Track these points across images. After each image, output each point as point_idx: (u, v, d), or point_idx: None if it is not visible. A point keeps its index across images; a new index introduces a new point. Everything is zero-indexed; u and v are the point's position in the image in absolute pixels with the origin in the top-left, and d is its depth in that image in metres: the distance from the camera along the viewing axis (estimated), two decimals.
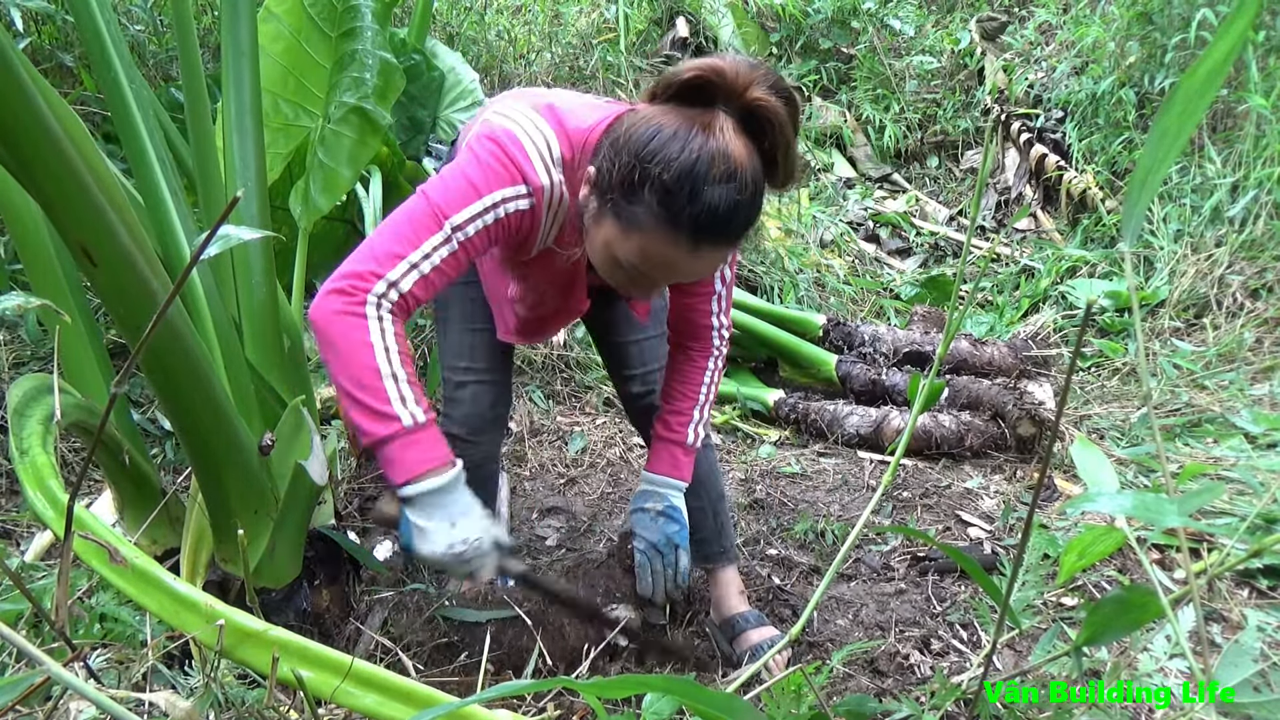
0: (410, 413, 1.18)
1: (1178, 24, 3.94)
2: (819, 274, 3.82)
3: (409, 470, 1.18)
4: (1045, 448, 2.53)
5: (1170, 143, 0.66)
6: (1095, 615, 0.89)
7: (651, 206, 1.13)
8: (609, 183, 1.17)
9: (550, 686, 0.75)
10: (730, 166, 1.11)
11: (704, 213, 1.11)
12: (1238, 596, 1.82)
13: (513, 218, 1.26)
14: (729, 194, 1.11)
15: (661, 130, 1.13)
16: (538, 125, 1.28)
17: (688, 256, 1.17)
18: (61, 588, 0.90)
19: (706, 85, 1.13)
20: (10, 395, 1.36)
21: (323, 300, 1.19)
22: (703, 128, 1.12)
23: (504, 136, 1.26)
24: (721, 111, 1.14)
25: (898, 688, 1.56)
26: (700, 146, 1.10)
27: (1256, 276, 3.31)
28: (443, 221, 1.21)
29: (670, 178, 1.10)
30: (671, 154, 1.11)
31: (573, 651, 1.57)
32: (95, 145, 1.36)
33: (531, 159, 1.25)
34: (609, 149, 1.19)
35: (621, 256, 1.20)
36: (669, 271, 1.22)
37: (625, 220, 1.17)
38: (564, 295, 1.48)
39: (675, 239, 1.15)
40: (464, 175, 1.24)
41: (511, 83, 4.56)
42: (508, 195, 1.24)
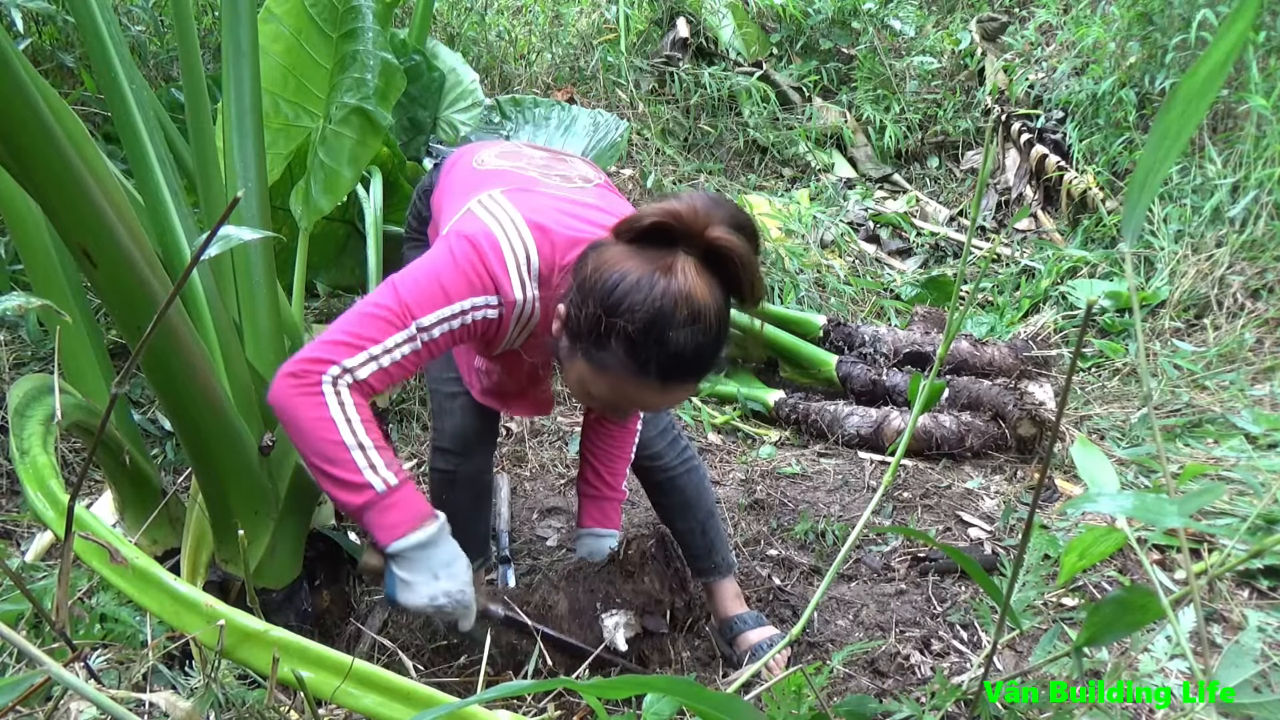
0: (382, 478, 1.21)
1: (1178, 24, 3.94)
2: (819, 274, 3.82)
3: (391, 532, 1.23)
4: (1046, 448, 2.53)
5: (1171, 143, 0.66)
6: (1096, 616, 0.89)
7: (619, 355, 1.16)
8: (578, 329, 1.19)
9: (551, 687, 0.75)
10: (694, 309, 1.13)
11: (671, 357, 1.14)
12: (1238, 597, 1.81)
13: (479, 323, 1.29)
14: (694, 336, 1.14)
15: (626, 277, 1.14)
16: (520, 235, 1.29)
17: (657, 394, 1.21)
18: (62, 588, 0.90)
19: (667, 230, 1.15)
20: (11, 395, 1.36)
21: (278, 382, 1.21)
22: (664, 271, 1.13)
23: (485, 243, 1.27)
24: (682, 252, 1.15)
25: (898, 688, 1.56)
26: (663, 293, 1.12)
27: (1257, 277, 3.30)
28: (409, 321, 1.23)
29: (635, 328, 1.13)
30: (636, 303, 1.12)
31: (572, 655, 1.57)
32: (95, 146, 1.36)
33: (509, 271, 1.27)
34: (576, 293, 1.20)
35: (594, 393, 1.24)
36: (642, 405, 1.31)
37: (596, 364, 1.19)
38: (528, 386, 1.55)
39: (644, 381, 1.18)
40: (437, 277, 1.25)
41: (512, 83, 4.57)
42: (477, 304, 1.27)
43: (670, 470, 1.74)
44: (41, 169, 0.97)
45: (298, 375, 1.20)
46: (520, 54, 4.79)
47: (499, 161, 1.51)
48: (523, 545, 2.14)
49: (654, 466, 1.74)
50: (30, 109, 0.92)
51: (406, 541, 1.23)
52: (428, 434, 2.68)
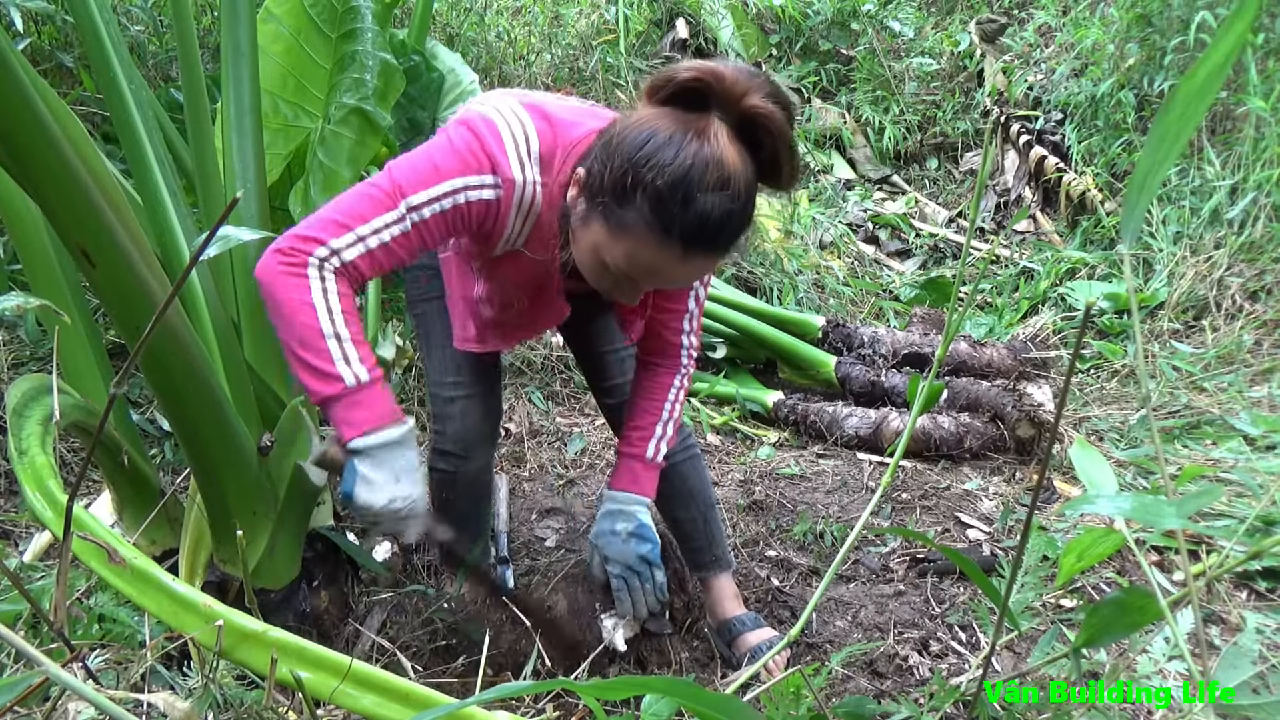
0: (354, 372, 1.18)
1: (1177, 26, 3.95)
2: (818, 275, 3.82)
3: (357, 426, 1.19)
4: (1044, 449, 2.53)
5: (1170, 145, 0.66)
6: (1094, 617, 0.89)
7: (643, 211, 1.12)
8: (600, 185, 1.15)
9: (550, 688, 0.75)
10: (724, 174, 1.10)
11: (696, 220, 1.11)
12: (1236, 598, 1.82)
13: (474, 206, 1.24)
14: (722, 202, 1.11)
15: (656, 134, 1.11)
16: (520, 117, 1.26)
17: (677, 263, 1.16)
18: (60, 588, 0.90)
19: (704, 89, 1.12)
20: (9, 395, 1.36)
21: (266, 259, 1.19)
22: (698, 134, 1.11)
23: (480, 124, 1.24)
24: (716, 118, 1.12)
25: (897, 689, 1.56)
26: (695, 153, 1.09)
27: (1255, 279, 3.31)
28: (399, 200, 1.21)
29: (664, 183, 1.09)
30: (665, 159, 1.09)
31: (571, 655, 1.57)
32: (94, 146, 1.36)
33: (506, 149, 1.23)
34: (600, 150, 1.17)
35: (609, 260, 1.19)
36: (656, 277, 1.21)
37: (615, 223, 1.15)
38: (536, 298, 1.45)
39: (666, 245, 1.13)
40: (429, 156, 1.23)
41: (511, 84, 4.57)
42: (471, 183, 1.23)
43: (672, 457, 1.69)
44: (40, 169, 0.97)
45: (285, 253, 1.17)
46: (519, 55, 4.79)
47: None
48: (521, 546, 2.14)
49: None
50: (29, 109, 0.92)
51: (375, 438, 1.19)
52: (426, 435, 2.68)
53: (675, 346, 1.57)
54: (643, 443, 1.57)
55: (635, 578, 1.52)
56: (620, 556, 1.51)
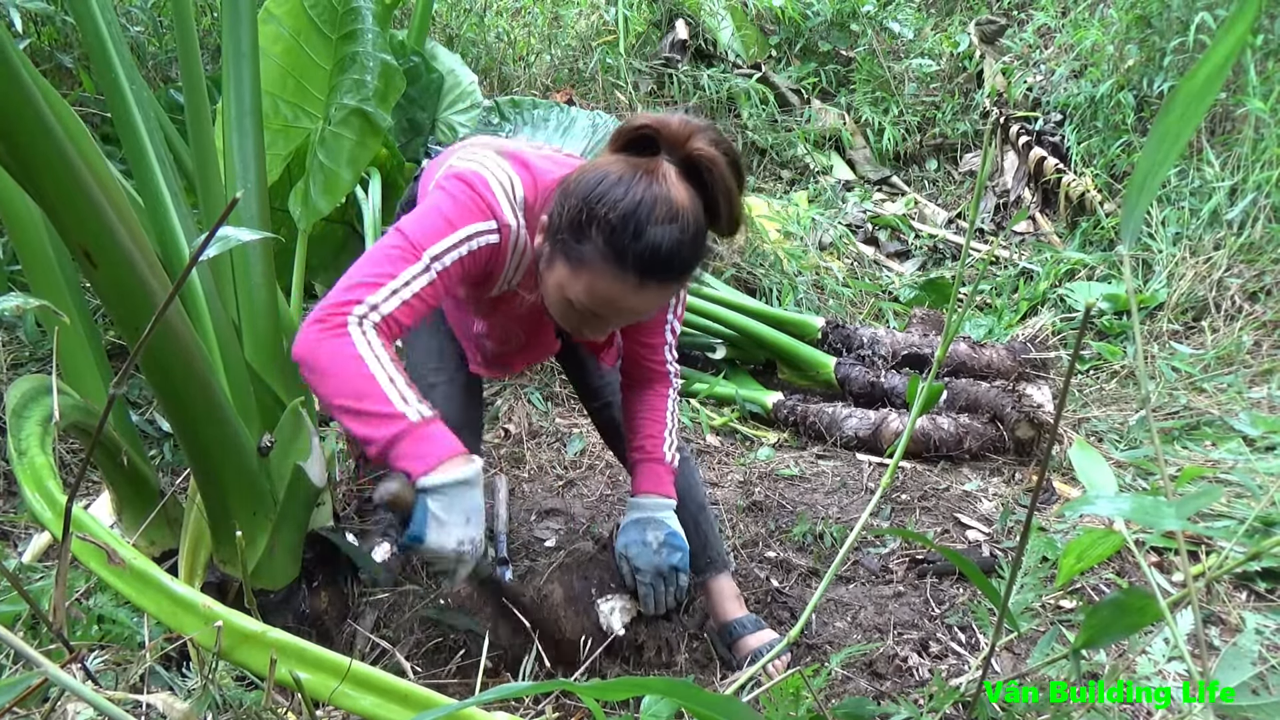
0: (416, 409, 1.17)
1: (1176, 27, 3.95)
2: (818, 276, 3.82)
3: (430, 460, 1.16)
4: (1044, 450, 2.53)
5: (1169, 146, 0.66)
6: (1094, 618, 0.89)
7: (598, 245, 1.19)
8: (559, 224, 1.24)
9: (549, 689, 0.75)
10: (672, 209, 1.18)
11: (648, 250, 1.17)
12: (1236, 599, 1.82)
13: (484, 250, 1.31)
14: (671, 233, 1.18)
15: (608, 175, 1.20)
16: (503, 168, 1.35)
17: (634, 293, 1.22)
18: (59, 589, 0.90)
19: (652, 135, 1.22)
20: (9, 396, 1.36)
21: (304, 332, 1.19)
22: (647, 173, 1.19)
23: (472, 177, 1.32)
24: (665, 160, 1.21)
25: (896, 690, 1.56)
26: (645, 190, 1.18)
27: (1255, 279, 3.31)
28: (421, 252, 1.25)
29: (615, 216, 1.17)
30: (617, 196, 1.18)
31: (569, 644, 1.56)
32: (95, 146, 1.36)
33: (498, 198, 1.31)
34: (559, 195, 1.26)
35: (572, 296, 1.26)
36: (616, 308, 1.26)
37: (574, 260, 1.23)
38: (531, 333, 1.56)
39: (621, 276, 1.20)
40: (438, 210, 1.29)
41: (511, 85, 4.57)
42: (480, 229, 1.30)
43: None
44: (41, 169, 0.97)
45: (323, 321, 1.18)
46: (519, 55, 4.80)
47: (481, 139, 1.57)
48: (520, 547, 2.14)
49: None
50: (31, 108, 0.92)
51: (449, 475, 1.15)
52: None
53: (663, 375, 1.66)
54: (657, 448, 1.62)
55: (662, 583, 1.55)
56: (652, 567, 1.53)
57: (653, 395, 1.66)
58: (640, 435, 1.64)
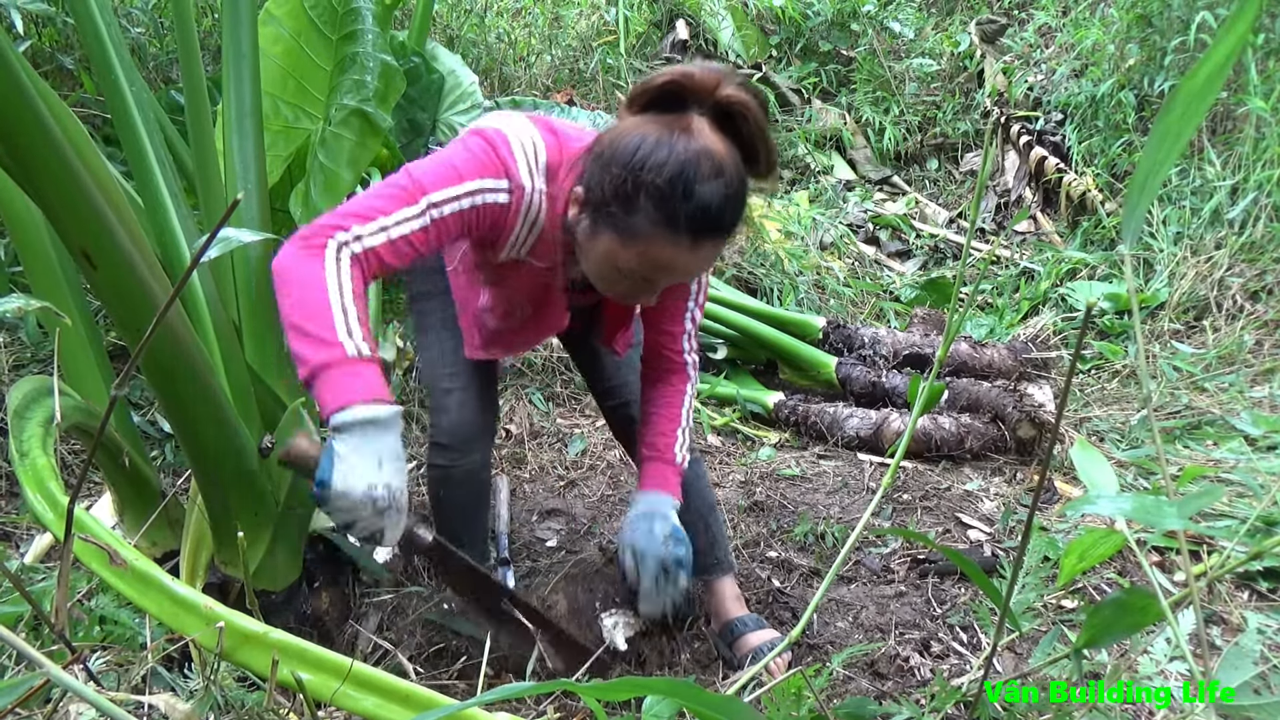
0: (355, 344, 1.14)
1: (1177, 27, 3.95)
2: (819, 276, 3.82)
3: (345, 397, 1.11)
4: (1045, 450, 2.53)
5: (1170, 145, 0.66)
6: (1095, 618, 0.89)
7: (649, 213, 1.18)
8: (603, 196, 1.21)
9: (551, 689, 0.75)
10: (716, 163, 1.16)
11: (699, 210, 1.17)
12: (1238, 599, 1.81)
13: (489, 208, 1.29)
14: (719, 189, 1.17)
15: (645, 139, 1.17)
16: (528, 130, 1.33)
17: (688, 254, 1.22)
18: (61, 590, 0.90)
19: (678, 89, 1.19)
20: (10, 397, 1.36)
21: (285, 248, 1.20)
22: (683, 130, 1.17)
23: (493, 134, 1.31)
24: (695, 113, 1.19)
25: (898, 690, 1.56)
26: (685, 148, 1.16)
27: (1256, 279, 3.31)
28: (420, 196, 1.24)
29: (663, 181, 1.15)
30: (660, 159, 1.15)
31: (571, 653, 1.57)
32: (95, 148, 1.36)
33: (517, 158, 1.30)
34: (595, 165, 1.23)
35: (623, 265, 1.24)
36: (671, 272, 1.26)
37: (624, 230, 1.21)
38: (539, 307, 1.50)
39: (675, 239, 1.19)
40: (449, 159, 1.28)
41: (511, 85, 4.57)
42: (487, 185, 1.28)
43: None
44: (42, 170, 0.97)
45: (304, 238, 1.19)
46: (520, 56, 4.80)
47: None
48: (522, 547, 2.14)
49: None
50: (30, 110, 0.92)
51: (360, 413, 1.10)
52: (426, 435, 2.68)
53: (681, 365, 1.64)
54: (668, 448, 1.61)
55: (664, 576, 1.52)
56: (657, 557, 1.50)
57: (670, 390, 1.63)
58: (653, 432, 1.62)
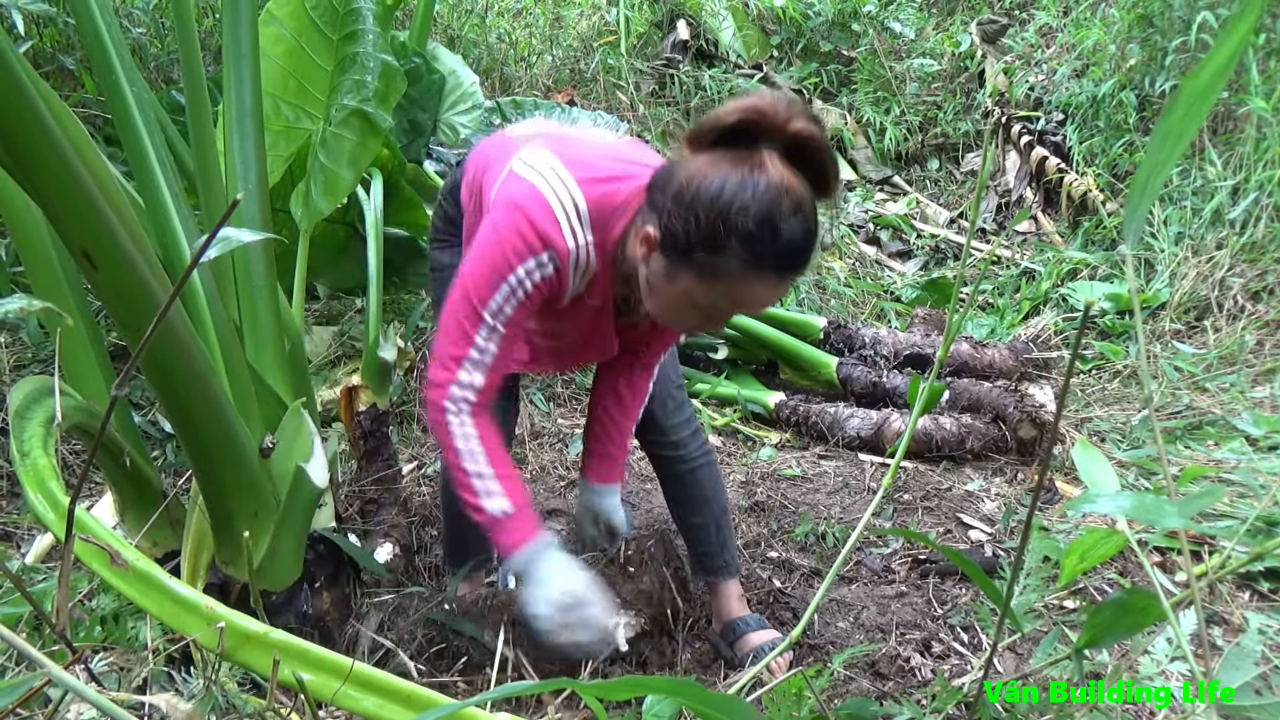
0: (499, 505, 1.36)
1: (1178, 27, 3.95)
2: (819, 276, 3.82)
3: (508, 549, 1.38)
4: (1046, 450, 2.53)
5: (1172, 145, 0.66)
6: (1096, 618, 0.89)
7: (739, 254, 1.18)
8: (689, 240, 1.20)
9: (552, 688, 0.75)
10: (795, 199, 1.17)
11: (786, 248, 1.18)
12: (1239, 599, 1.81)
13: (543, 283, 1.33)
14: (801, 224, 1.18)
15: (726, 181, 1.17)
16: (564, 181, 1.32)
17: (773, 289, 1.24)
18: (62, 590, 0.90)
19: (751, 127, 1.19)
20: (11, 397, 1.36)
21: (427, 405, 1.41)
22: (758, 168, 1.17)
23: (529, 202, 1.31)
24: (766, 149, 1.18)
25: (899, 690, 1.56)
26: (766, 188, 1.16)
27: (1257, 279, 3.30)
28: (481, 312, 1.32)
29: (752, 225, 1.16)
30: (745, 202, 1.16)
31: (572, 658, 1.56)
32: (96, 148, 1.36)
33: (558, 220, 1.30)
34: (675, 207, 1.21)
35: (703, 303, 1.26)
36: (754, 306, 1.30)
37: (709, 271, 1.21)
38: (589, 332, 1.52)
39: (763, 278, 1.21)
40: (489, 260, 1.32)
41: (512, 86, 4.57)
42: (530, 268, 1.31)
43: (692, 461, 1.73)
44: (42, 171, 0.97)
45: (432, 404, 1.38)
46: (520, 56, 4.80)
47: (532, 129, 1.53)
48: None
49: (675, 457, 1.74)
50: (31, 111, 0.92)
51: (521, 555, 1.36)
52: (429, 436, 2.68)
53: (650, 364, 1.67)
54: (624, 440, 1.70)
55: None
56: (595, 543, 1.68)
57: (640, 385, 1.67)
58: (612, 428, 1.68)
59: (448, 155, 3.02)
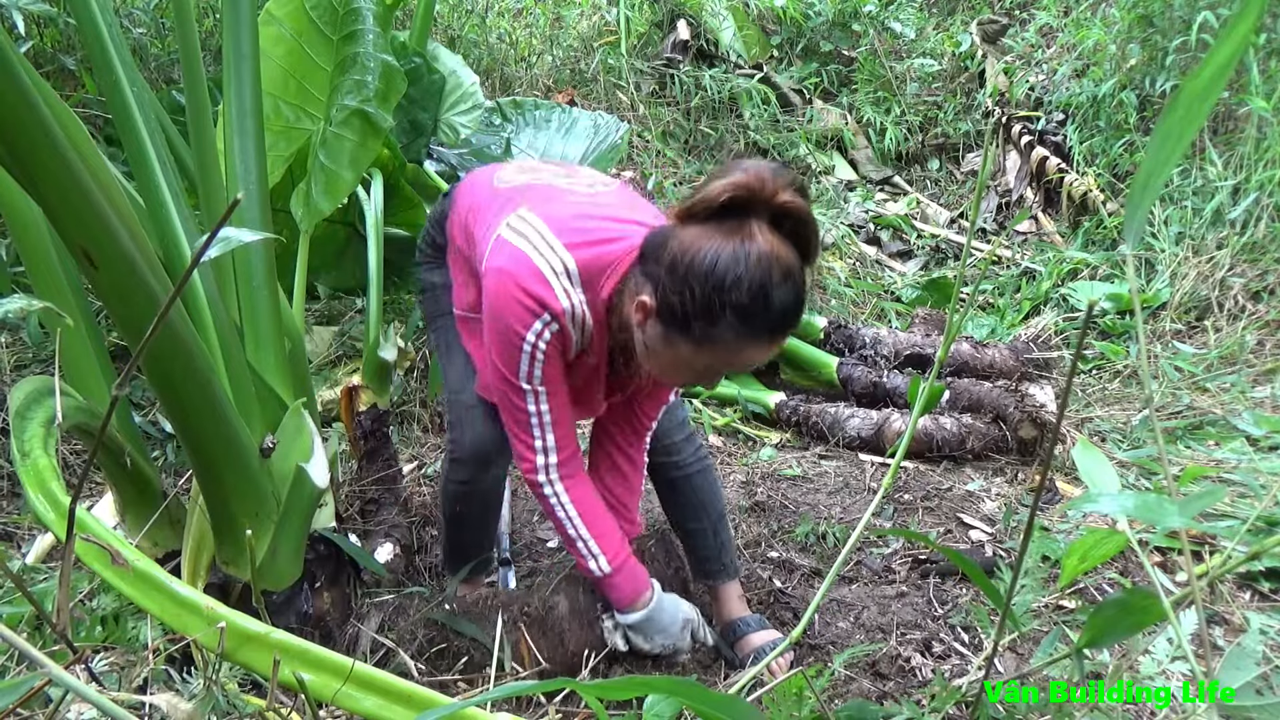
0: (600, 566, 1.52)
1: (1179, 27, 3.94)
2: (820, 276, 3.82)
3: (618, 605, 1.55)
4: (1046, 450, 2.53)
5: (1173, 145, 0.66)
6: (1097, 618, 0.89)
7: (733, 324, 1.24)
8: (685, 314, 1.26)
9: (553, 688, 0.75)
10: (784, 267, 1.22)
11: (779, 315, 1.24)
12: (1239, 599, 1.81)
13: (554, 339, 1.39)
14: (790, 292, 1.24)
15: (720, 254, 1.22)
16: (553, 248, 1.37)
17: (766, 350, 1.30)
18: (63, 590, 0.90)
19: (743, 202, 1.23)
20: (12, 397, 1.36)
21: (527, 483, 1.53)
22: (747, 238, 1.22)
23: (520, 269, 1.36)
24: (754, 219, 1.23)
25: (899, 690, 1.56)
26: (758, 259, 1.21)
27: (1258, 279, 3.30)
28: (518, 383, 1.41)
29: (746, 297, 1.21)
30: (738, 275, 1.21)
31: (573, 656, 1.57)
32: (97, 148, 1.36)
33: (551, 284, 1.36)
34: (670, 280, 1.26)
35: (701, 366, 1.33)
36: (748, 366, 1.35)
37: (705, 339, 1.27)
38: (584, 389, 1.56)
39: (756, 342, 1.28)
40: (500, 332, 1.39)
41: (513, 86, 4.57)
42: (537, 330, 1.37)
43: (686, 468, 1.74)
44: (43, 171, 0.97)
45: (531, 485, 1.51)
46: (521, 56, 4.80)
47: (519, 177, 1.56)
48: (523, 548, 2.14)
49: (670, 463, 1.74)
50: (32, 111, 0.93)
51: (632, 617, 1.54)
52: (429, 436, 2.68)
53: (645, 430, 1.70)
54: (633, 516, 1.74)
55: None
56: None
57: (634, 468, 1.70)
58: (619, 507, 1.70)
59: (448, 155, 3.02)
